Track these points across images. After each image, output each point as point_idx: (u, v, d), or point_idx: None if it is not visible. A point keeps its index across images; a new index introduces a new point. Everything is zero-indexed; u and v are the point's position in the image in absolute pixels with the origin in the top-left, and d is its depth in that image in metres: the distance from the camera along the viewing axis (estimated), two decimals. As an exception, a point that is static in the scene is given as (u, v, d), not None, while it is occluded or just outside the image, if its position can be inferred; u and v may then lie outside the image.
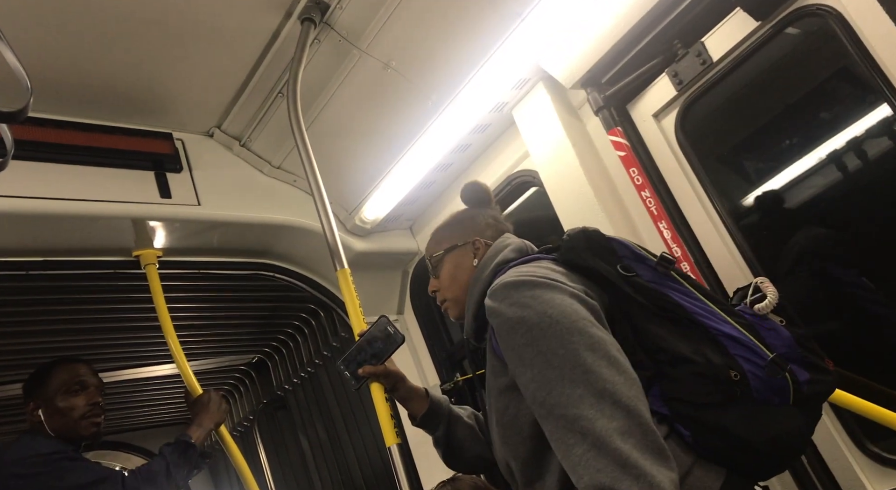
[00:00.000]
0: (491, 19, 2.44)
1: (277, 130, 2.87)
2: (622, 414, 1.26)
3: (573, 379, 1.31)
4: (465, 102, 2.69)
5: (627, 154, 2.47)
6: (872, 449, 2.06)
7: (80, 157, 2.49)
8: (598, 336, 1.36)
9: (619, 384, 1.30)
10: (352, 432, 4.11)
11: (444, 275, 1.90)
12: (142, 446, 5.29)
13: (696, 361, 1.40)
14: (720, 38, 2.30)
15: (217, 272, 3.11)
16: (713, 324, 1.46)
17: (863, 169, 2.14)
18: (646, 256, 1.59)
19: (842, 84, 2.18)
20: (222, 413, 2.66)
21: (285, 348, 4.41)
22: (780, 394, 1.40)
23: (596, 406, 1.27)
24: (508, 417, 1.54)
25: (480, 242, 1.85)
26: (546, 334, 1.37)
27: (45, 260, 2.56)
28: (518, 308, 1.44)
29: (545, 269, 1.55)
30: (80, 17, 2.21)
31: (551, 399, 1.33)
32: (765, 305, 1.52)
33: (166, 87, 2.63)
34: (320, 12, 2.44)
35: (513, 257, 1.72)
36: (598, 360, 1.32)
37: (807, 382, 1.43)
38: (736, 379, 1.38)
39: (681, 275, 1.58)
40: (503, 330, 1.46)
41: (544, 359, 1.36)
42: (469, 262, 1.84)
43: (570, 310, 1.40)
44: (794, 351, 1.46)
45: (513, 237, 1.84)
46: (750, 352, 1.42)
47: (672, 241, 2.34)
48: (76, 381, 2.48)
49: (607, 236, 1.64)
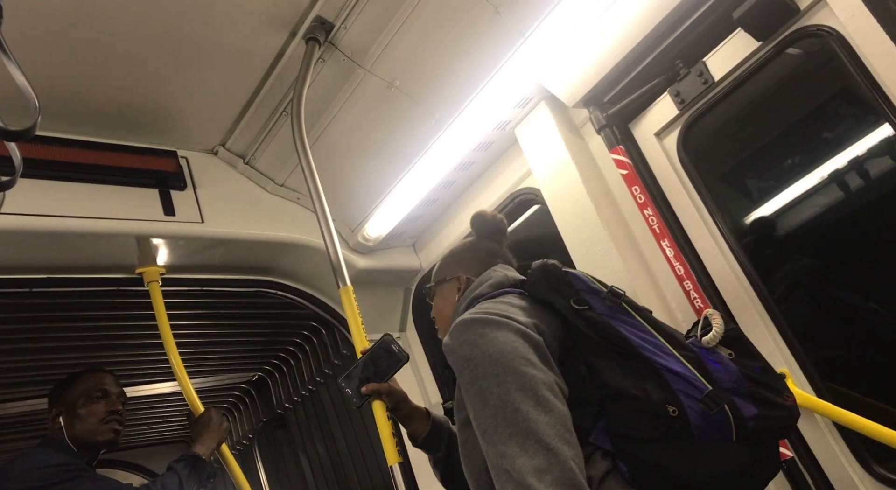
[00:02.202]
0: (494, 38, 2.46)
1: (281, 148, 2.88)
2: (542, 452, 1.29)
3: (505, 418, 1.36)
4: (468, 121, 2.70)
5: (629, 172, 2.48)
6: (878, 470, 2.04)
7: (84, 175, 2.50)
8: (530, 375, 1.40)
9: (543, 424, 1.33)
10: (352, 451, 4.08)
11: (435, 304, 2.00)
12: (142, 465, 5.25)
13: (636, 397, 1.43)
14: (722, 58, 2.32)
15: (220, 289, 3.11)
16: (657, 358, 1.47)
17: (864, 188, 2.15)
18: (599, 289, 1.61)
19: (843, 104, 2.19)
20: (223, 432, 2.65)
21: (286, 366, 4.39)
22: (721, 429, 1.39)
23: (521, 445, 1.31)
24: (468, 450, 1.58)
25: (463, 279, 1.91)
26: (486, 374, 1.42)
27: (48, 277, 2.56)
28: (467, 347, 1.49)
29: (506, 304, 1.60)
30: (87, 37, 2.23)
31: (486, 436, 1.38)
32: (710, 338, 1.53)
33: (171, 105, 2.65)
34: (325, 32, 2.46)
35: (486, 292, 1.76)
36: (527, 400, 1.36)
37: (753, 418, 1.42)
38: (674, 415, 1.39)
39: (633, 307, 1.60)
40: (455, 367, 1.52)
41: (483, 398, 1.41)
42: (452, 297, 1.91)
43: (510, 349, 1.44)
44: (740, 385, 1.45)
45: (499, 271, 1.87)
46: (691, 386, 1.42)
47: (675, 259, 2.34)
48: (98, 389, 2.49)
49: (564, 270, 1.67)
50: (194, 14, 2.28)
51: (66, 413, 2.44)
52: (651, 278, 2.47)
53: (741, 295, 2.28)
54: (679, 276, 2.32)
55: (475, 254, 1.99)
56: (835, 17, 2.02)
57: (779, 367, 2.16)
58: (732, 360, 1.51)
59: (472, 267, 1.94)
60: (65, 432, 2.41)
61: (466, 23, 2.43)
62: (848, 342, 2.29)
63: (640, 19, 2.34)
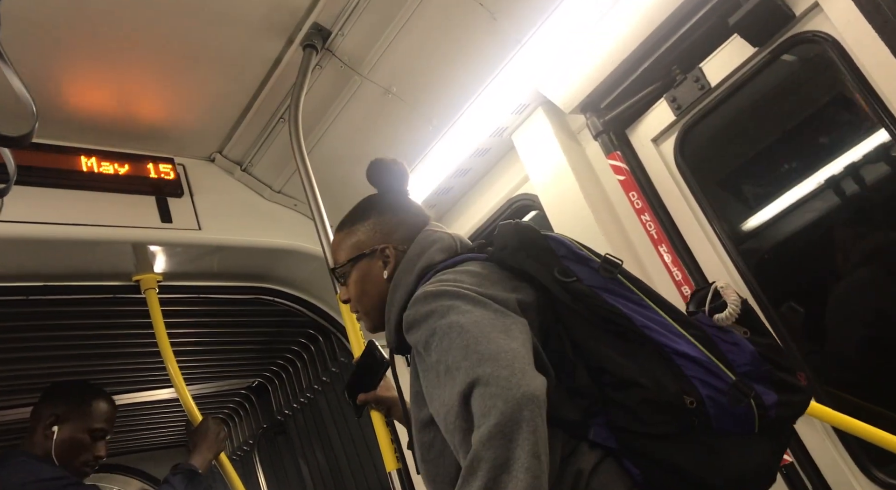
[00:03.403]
0: (491, 45, 2.46)
1: (279, 155, 2.88)
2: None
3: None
4: (466, 127, 2.71)
5: (627, 178, 2.48)
6: (877, 475, 2.04)
7: (81, 183, 2.50)
8: (509, 348, 1.19)
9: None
10: (351, 458, 4.07)
11: (351, 285, 1.66)
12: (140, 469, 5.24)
13: (645, 386, 1.23)
14: (718, 64, 2.32)
15: (217, 296, 3.11)
16: (666, 341, 1.27)
17: (861, 194, 2.15)
18: (589, 257, 1.39)
19: (839, 109, 2.19)
20: (221, 442, 2.64)
21: (285, 373, 4.38)
22: (744, 423, 1.21)
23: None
24: (432, 455, 1.38)
25: (390, 250, 1.60)
26: (453, 347, 1.21)
27: (45, 285, 2.56)
28: (435, 318, 1.28)
29: (473, 276, 1.38)
30: (84, 44, 2.24)
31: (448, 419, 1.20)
32: (726, 316, 1.31)
33: (168, 112, 2.65)
34: (322, 39, 2.46)
35: (439, 259, 1.51)
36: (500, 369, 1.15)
37: (774, 405, 1.23)
38: (692, 407, 1.20)
39: (630, 279, 1.38)
40: (419, 343, 1.31)
41: (451, 375, 1.20)
42: (378, 273, 1.60)
43: (488, 324, 1.23)
44: (759, 368, 1.26)
45: (438, 231, 1.61)
46: (709, 374, 1.23)
47: (672, 264, 2.34)
48: (101, 427, 2.45)
49: (544, 233, 1.44)
50: (191, 21, 2.28)
51: (62, 426, 2.38)
52: (649, 283, 2.45)
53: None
54: (677, 281, 2.32)
55: (393, 215, 1.66)
56: (830, 24, 2.03)
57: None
58: (748, 339, 1.31)
59: (396, 232, 1.62)
60: (53, 442, 2.35)
61: (463, 29, 2.44)
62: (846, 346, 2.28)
63: (637, 25, 2.35)
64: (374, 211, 1.69)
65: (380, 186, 1.75)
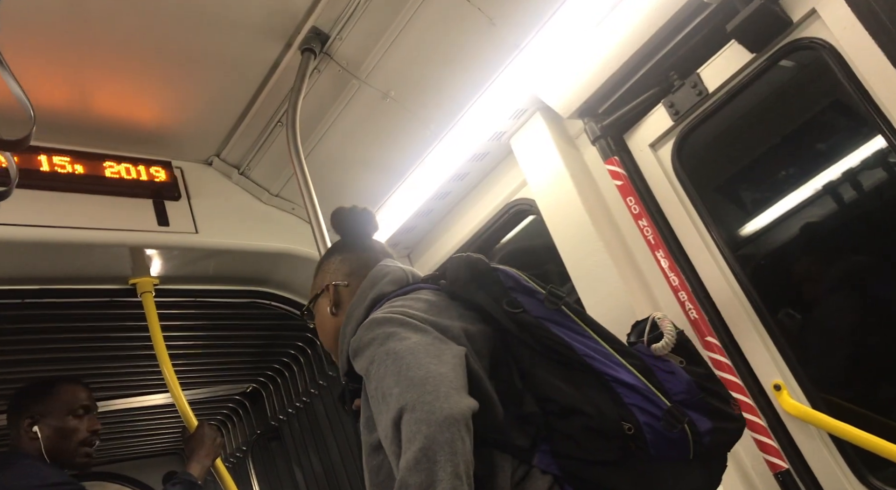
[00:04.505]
0: (489, 50, 2.47)
1: (276, 159, 2.88)
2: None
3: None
4: (464, 131, 2.71)
5: (624, 183, 2.49)
6: (873, 481, 2.04)
7: (78, 186, 2.49)
8: (440, 373, 1.24)
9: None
10: (347, 464, 4.05)
11: (317, 326, 1.79)
12: (134, 477, 5.20)
13: (587, 413, 1.27)
14: (716, 70, 2.33)
15: (214, 300, 3.11)
16: (607, 369, 1.32)
17: (858, 199, 2.16)
18: (535, 289, 1.45)
19: (836, 115, 2.20)
20: (217, 448, 2.62)
21: (280, 378, 4.37)
22: (679, 448, 1.27)
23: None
24: (383, 477, 1.42)
25: (331, 287, 1.72)
26: (387, 374, 1.27)
27: (41, 288, 2.55)
28: (374, 346, 1.34)
29: (422, 302, 1.45)
30: (83, 47, 2.24)
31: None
32: (662, 346, 1.39)
33: (166, 115, 2.65)
34: (320, 43, 2.47)
35: (390, 290, 1.59)
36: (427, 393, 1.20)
37: (709, 432, 1.29)
38: (630, 433, 1.25)
39: (573, 310, 1.43)
40: (363, 370, 1.37)
41: (386, 402, 1.25)
42: (325, 310, 1.72)
43: (424, 351, 1.28)
44: (694, 396, 1.33)
45: (390, 265, 1.69)
46: (646, 401, 1.28)
47: (669, 270, 2.34)
48: (81, 405, 2.41)
49: (492, 266, 1.50)
50: (190, 25, 2.28)
51: (42, 424, 2.31)
52: (646, 289, 2.47)
53: (736, 305, 2.28)
54: (674, 286, 2.32)
55: (342, 255, 1.77)
56: (827, 30, 2.04)
57: (774, 378, 2.17)
58: (684, 369, 1.38)
59: (339, 271, 1.74)
60: (42, 444, 2.29)
61: (461, 34, 2.44)
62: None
63: (635, 31, 2.36)
64: (336, 253, 1.81)
65: (341, 232, 1.83)
